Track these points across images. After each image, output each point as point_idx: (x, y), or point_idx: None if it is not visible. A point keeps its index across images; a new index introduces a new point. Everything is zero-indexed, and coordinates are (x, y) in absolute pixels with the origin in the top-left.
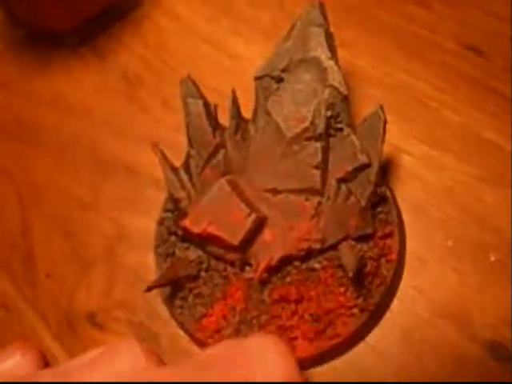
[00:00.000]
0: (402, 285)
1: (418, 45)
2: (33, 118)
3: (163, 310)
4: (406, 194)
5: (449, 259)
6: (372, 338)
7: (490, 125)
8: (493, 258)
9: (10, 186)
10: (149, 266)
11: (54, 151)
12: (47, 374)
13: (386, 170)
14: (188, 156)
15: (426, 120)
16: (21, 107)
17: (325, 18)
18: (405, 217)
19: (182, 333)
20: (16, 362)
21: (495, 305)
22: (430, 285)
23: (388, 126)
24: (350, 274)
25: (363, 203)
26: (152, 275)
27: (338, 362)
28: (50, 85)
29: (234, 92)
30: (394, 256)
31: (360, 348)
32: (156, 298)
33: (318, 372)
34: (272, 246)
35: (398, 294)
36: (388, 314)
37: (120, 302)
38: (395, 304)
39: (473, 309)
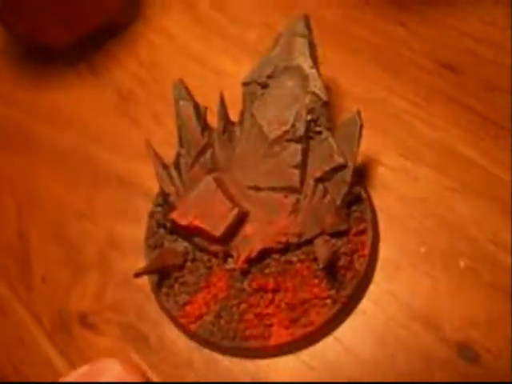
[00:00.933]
0: (378, 289)
1: (396, 62)
2: (31, 130)
3: (152, 312)
4: (382, 203)
5: (422, 265)
6: (348, 339)
7: (464, 139)
8: (463, 265)
9: (9, 194)
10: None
11: (51, 162)
12: None
13: (363, 179)
14: (178, 154)
15: (400, 133)
16: (20, 120)
17: (309, 29)
18: (380, 225)
19: (170, 334)
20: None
21: (465, 308)
22: (403, 289)
23: (365, 139)
24: (321, 265)
25: (338, 202)
26: (142, 280)
27: (313, 361)
28: (48, 99)
29: (221, 95)
30: (366, 251)
31: (336, 349)
32: (145, 301)
33: (292, 367)
34: (252, 239)
35: (374, 298)
36: (363, 317)
37: (111, 305)
38: (370, 307)
39: (444, 312)
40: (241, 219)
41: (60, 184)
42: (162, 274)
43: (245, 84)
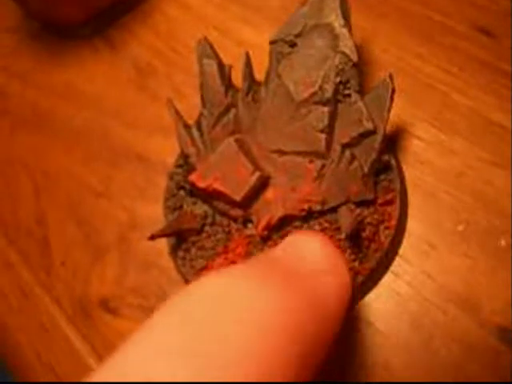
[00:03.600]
0: (412, 269)
1: (428, 28)
2: (47, 108)
3: None
4: (415, 178)
5: (459, 244)
6: (381, 322)
7: (500, 107)
8: (503, 243)
9: (25, 175)
10: (160, 252)
11: (67, 140)
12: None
13: (396, 152)
14: (200, 115)
15: (435, 104)
16: (35, 97)
17: None
18: (414, 201)
19: None
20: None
21: (505, 290)
22: (439, 270)
23: (397, 110)
24: (343, 235)
25: (366, 169)
26: (164, 261)
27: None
28: (64, 75)
29: (247, 54)
30: (393, 223)
31: (368, 332)
32: (167, 283)
33: None
34: (274, 204)
35: (408, 279)
36: (397, 299)
37: (132, 288)
38: (405, 288)
39: (482, 294)
40: (262, 183)
41: (77, 163)
42: (180, 238)
43: (272, 42)
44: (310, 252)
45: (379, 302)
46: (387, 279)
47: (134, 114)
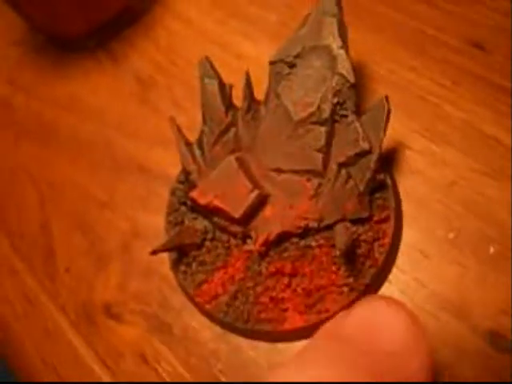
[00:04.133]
0: (404, 277)
1: (422, 42)
2: (51, 120)
3: (176, 302)
4: (409, 188)
5: (450, 252)
6: None
7: (492, 120)
8: (493, 250)
9: (30, 184)
10: (162, 260)
11: (72, 151)
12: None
13: (389, 163)
14: (201, 133)
15: (427, 116)
16: (39, 109)
17: (339, 8)
18: (407, 210)
19: (194, 324)
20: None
21: (495, 296)
22: (431, 277)
23: (391, 122)
24: (338, 252)
25: (361, 188)
26: (165, 268)
27: None
28: (68, 88)
29: (247, 74)
30: (387, 240)
31: None
32: (169, 291)
33: None
34: (272, 221)
35: (401, 286)
36: None
37: (135, 295)
38: (397, 295)
39: (474, 300)
40: (261, 201)
41: (81, 174)
42: (181, 252)
43: (271, 63)
44: (389, 331)
45: None
46: (382, 287)
47: (136, 126)
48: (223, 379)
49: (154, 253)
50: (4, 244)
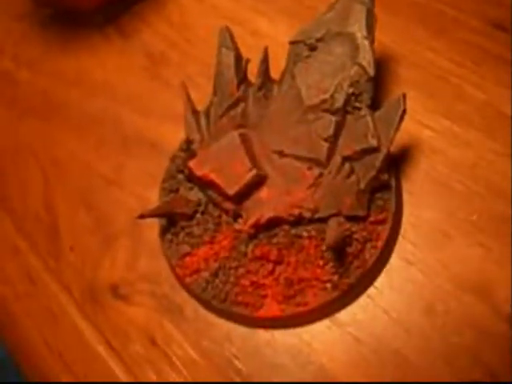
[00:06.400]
0: (426, 258)
1: (442, 22)
2: (58, 96)
3: None
4: (430, 168)
5: (473, 233)
6: (396, 310)
7: None
8: None
9: (34, 163)
10: None
11: (78, 128)
12: None
13: (399, 165)
14: (210, 103)
15: (448, 96)
16: (46, 85)
17: None
18: (428, 191)
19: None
20: None
21: None
22: (453, 258)
23: (411, 102)
24: (324, 247)
25: (362, 185)
26: None
27: (360, 333)
28: (75, 63)
29: (265, 50)
30: (380, 243)
31: (383, 320)
32: None
33: (338, 340)
34: (266, 204)
35: (422, 267)
36: (411, 287)
37: (143, 275)
38: (419, 277)
39: (496, 283)
40: (258, 182)
41: (87, 151)
42: (171, 221)
43: (292, 43)
44: None
45: (394, 290)
46: (402, 267)
47: (146, 102)
48: (237, 363)
49: (142, 217)
50: (6, 222)
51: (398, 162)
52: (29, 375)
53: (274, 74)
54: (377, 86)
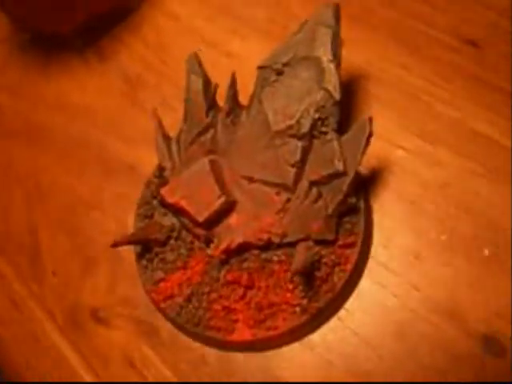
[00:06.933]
0: (397, 280)
1: (414, 39)
2: (39, 120)
3: None
4: (401, 188)
5: (443, 254)
6: (366, 332)
7: (485, 118)
8: (487, 253)
9: (17, 186)
10: None
11: (59, 152)
12: None
13: (368, 188)
14: (180, 130)
15: (420, 114)
16: (27, 109)
17: (337, 20)
18: (399, 212)
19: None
20: None
21: (489, 299)
22: (424, 280)
23: (383, 121)
24: (293, 270)
25: (330, 210)
26: None
27: (331, 355)
28: (55, 87)
29: (233, 76)
30: (349, 266)
31: (353, 342)
32: None
33: (309, 362)
34: (235, 230)
35: (393, 289)
36: (383, 310)
37: (122, 298)
38: (390, 299)
39: (467, 304)
40: (227, 208)
41: (69, 174)
42: (146, 246)
43: (260, 68)
44: None
45: (365, 313)
46: (373, 290)
47: (125, 125)
48: None
49: (115, 245)
50: None
51: (368, 183)
52: None
53: (246, 96)
54: (348, 106)
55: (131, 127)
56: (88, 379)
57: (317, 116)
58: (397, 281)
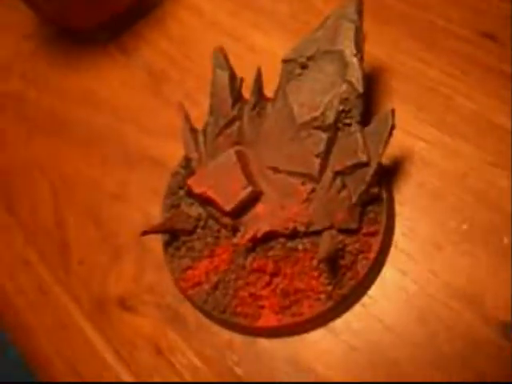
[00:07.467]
0: (418, 267)
1: (432, 33)
2: (63, 114)
3: None
4: (422, 179)
5: (463, 243)
6: (389, 318)
7: (502, 110)
8: (506, 241)
9: (44, 179)
10: None
11: (84, 144)
12: None
13: (390, 179)
14: (207, 123)
15: (439, 107)
16: (52, 103)
17: (359, 15)
18: (420, 202)
19: None
20: None
21: (508, 287)
22: (444, 268)
23: (403, 114)
24: (318, 258)
25: (354, 199)
26: None
27: (355, 341)
28: (80, 81)
29: (259, 70)
30: (372, 255)
31: (376, 328)
32: None
33: (333, 348)
34: (262, 219)
35: (414, 276)
36: (404, 296)
37: (149, 287)
38: (411, 286)
39: (486, 291)
40: (254, 198)
41: (93, 167)
42: (173, 235)
43: (284, 61)
44: None
45: (387, 300)
46: (396, 278)
47: (148, 119)
48: (238, 371)
49: (144, 234)
50: (18, 237)
51: (389, 174)
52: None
53: (270, 89)
54: (369, 99)
55: (155, 120)
56: (115, 365)
57: (341, 108)
58: (418, 268)
